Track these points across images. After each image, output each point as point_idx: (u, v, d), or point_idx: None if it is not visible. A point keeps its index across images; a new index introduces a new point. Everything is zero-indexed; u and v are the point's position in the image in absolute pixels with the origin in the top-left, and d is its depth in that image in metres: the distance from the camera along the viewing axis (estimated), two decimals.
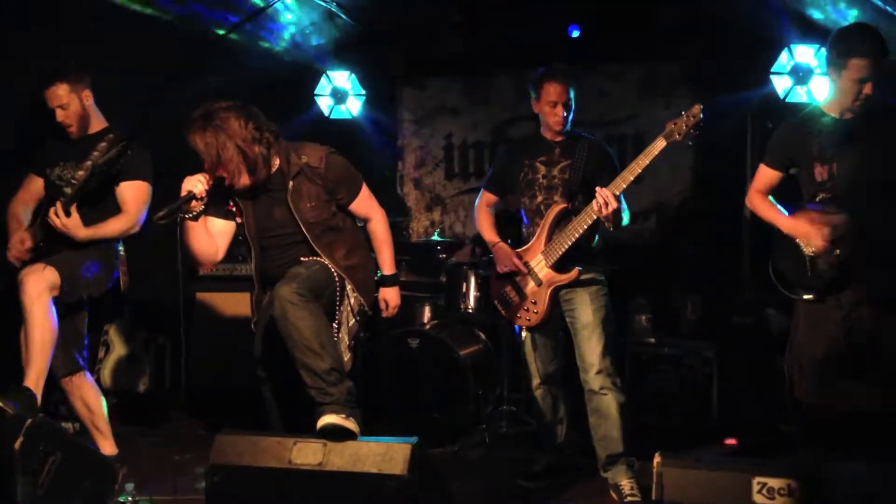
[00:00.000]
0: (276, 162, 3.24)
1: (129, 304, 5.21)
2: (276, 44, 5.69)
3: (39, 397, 3.21)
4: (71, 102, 3.59)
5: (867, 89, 3.05)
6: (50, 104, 3.59)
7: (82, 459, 3.12)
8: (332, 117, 6.23)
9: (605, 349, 3.65)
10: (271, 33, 5.56)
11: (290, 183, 3.23)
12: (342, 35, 5.94)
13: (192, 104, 3.13)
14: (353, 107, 6.22)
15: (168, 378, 5.43)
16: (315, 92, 6.19)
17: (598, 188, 3.47)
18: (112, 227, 3.57)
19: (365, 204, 3.44)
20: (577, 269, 3.67)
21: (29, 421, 2.87)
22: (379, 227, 3.50)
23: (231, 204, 3.29)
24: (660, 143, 3.46)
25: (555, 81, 3.70)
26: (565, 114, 3.73)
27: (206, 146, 3.05)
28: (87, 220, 3.52)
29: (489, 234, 3.97)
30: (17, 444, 2.80)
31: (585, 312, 3.69)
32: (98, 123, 3.70)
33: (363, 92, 6.22)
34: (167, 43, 4.94)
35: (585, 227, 3.59)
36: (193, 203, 3.08)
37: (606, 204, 3.42)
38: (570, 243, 3.64)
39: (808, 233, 3.12)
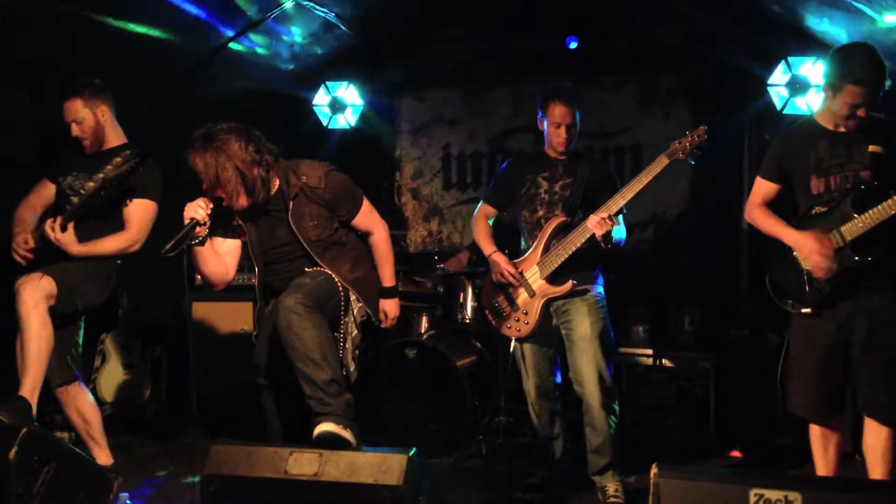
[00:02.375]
0: (276, 183, 3.26)
1: (125, 315, 5.21)
2: (275, 54, 5.70)
3: (35, 406, 3.20)
4: (86, 117, 3.61)
5: (860, 112, 3.04)
6: (66, 118, 3.62)
7: (77, 470, 3.10)
8: (330, 127, 6.24)
9: (601, 362, 3.64)
10: (270, 44, 5.57)
11: (291, 203, 3.25)
12: (341, 46, 5.95)
13: (192, 115, 3.14)
14: (352, 117, 6.23)
15: (164, 388, 5.41)
16: (313, 102, 6.20)
17: (592, 216, 3.53)
18: (109, 244, 3.56)
19: (366, 219, 3.44)
20: (570, 282, 3.68)
21: (24, 430, 2.86)
22: (381, 240, 3.50)
23: (235, 224, 3.31)
24: (663, 161, 3.48)
25: (560, 103, 3.70)
26: (568, 136, 3.73)
27: (205, 166, 3.07)
28: (90, 234, 3.52)
29: (486, 243, 3.97)
30: (12, 454, 2.79)
31: (583, 324, 3.68)
32: (116, 139, 3.71)
33: (361, 102, 6.24)
34: (166, 54, 4.95)
35: (581, 242, 3.61)
36: (198, 229, 3.10)
37: (601, 225, 3.48)
38: (565, 256, 3.66)
39: (812, 250, 3.07)
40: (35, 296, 3.27)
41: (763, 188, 3.34)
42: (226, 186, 3.10)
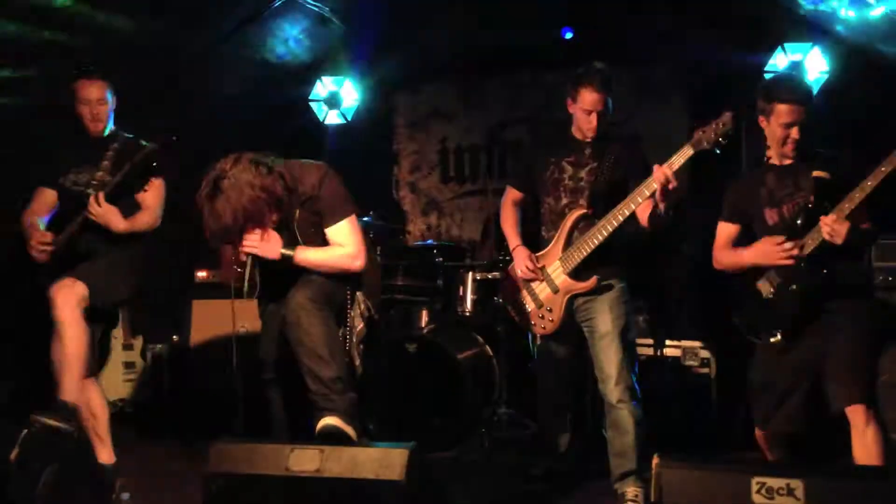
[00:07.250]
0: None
1: (126, 312, 5.21)
2: (270, 50, 5.69)
3: (78, 406, 3.27)
4: (109, 100, 3.67)
5: (794, 133, 3.15)
6: (87, 95, 3.62)
7: (79, 470, 3.11)
8: (326, 123, 6.23)
9: (623, 360, 3.50)
10: (265, 39, 5.56)
11: (297, 212, 3.16)
12: (336, 40, 5.95)
13: (189, 111, 3.11)
14: (348, 112, 6.22)
15: (165, 386, 5.41)
16: (309, 98, 6.19)
17: (656, 166, 3.27)
18: (143, 220, 3.62)
19: (341, 235, 3.16)
20: (595, 277, 3.50)
21: (25, 431, 2.86)
22: (344, 253, 3.16)
23: None
24: (687, 152, 3.29)
25: (592, 89, 3.50)
26: (599, 123, 3.56)
27: (227, 206, 2.92)
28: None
29: (512, 234, 3.82)
30: (13, 455, 2.79)
31: (604, 321, 3.52)
32: (111, 126, 3.76)
33: (357, 97, 6.22)
34: (163, 51, 4.94)
35: (607, 233, 3.43)
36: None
37: (668, 181, 3.23)
38: (589, 250, 3.48)
39: (770, 252, 3.17)
40: (70, 301, 3.31)
41: (725, 231, 3.44)
42: (254, 215, 2.97)
